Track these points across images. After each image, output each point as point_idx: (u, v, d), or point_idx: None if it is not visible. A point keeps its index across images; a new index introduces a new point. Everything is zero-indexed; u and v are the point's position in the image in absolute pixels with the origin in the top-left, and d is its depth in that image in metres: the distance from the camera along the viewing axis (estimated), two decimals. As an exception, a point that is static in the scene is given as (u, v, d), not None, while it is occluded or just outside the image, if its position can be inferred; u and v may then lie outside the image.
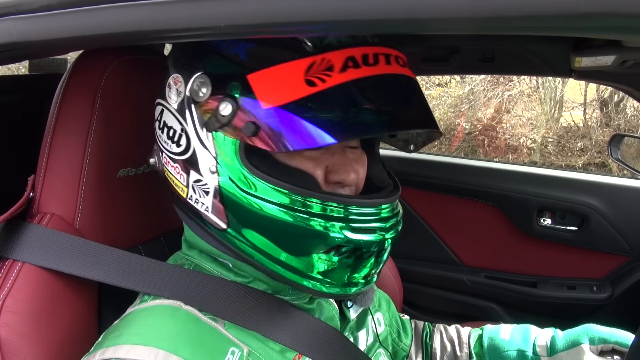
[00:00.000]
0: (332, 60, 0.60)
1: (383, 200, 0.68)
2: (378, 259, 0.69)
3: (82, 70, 0.81)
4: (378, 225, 0.66)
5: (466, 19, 0.36)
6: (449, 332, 1.05)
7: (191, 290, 0.69)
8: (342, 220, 0.64)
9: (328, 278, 0.67)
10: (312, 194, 0.63)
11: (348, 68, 0.60)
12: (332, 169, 0.68)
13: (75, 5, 0.53)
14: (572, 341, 0.88)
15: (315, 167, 0.67)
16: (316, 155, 0.68)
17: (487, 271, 1.81)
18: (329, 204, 0.63)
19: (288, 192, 0.63)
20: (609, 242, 1.65)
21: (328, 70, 0.60)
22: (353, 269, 0.67)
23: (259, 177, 0.63)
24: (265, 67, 0.61)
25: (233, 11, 0.45)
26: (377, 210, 0.67)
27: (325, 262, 0.65)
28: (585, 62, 1.13)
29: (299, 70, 0.60)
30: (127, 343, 0.60)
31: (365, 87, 0.62)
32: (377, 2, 0.38)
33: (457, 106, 6.39)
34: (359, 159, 0.73)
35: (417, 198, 1.89)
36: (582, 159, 5.91)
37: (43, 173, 0.79)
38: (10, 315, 0.66)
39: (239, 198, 0.65)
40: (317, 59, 0.60)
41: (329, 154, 0.69)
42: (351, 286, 0.69)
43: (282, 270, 0.67)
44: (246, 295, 0.70)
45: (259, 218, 0.64)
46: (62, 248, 0.73)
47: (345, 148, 0.71)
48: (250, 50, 0.64)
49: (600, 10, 0.32)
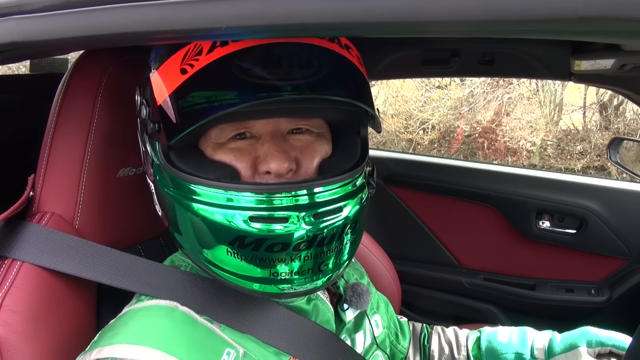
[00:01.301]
0: (202, 44, 0.61)
1: (284, 187, 0.62)
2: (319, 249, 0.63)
3: (83, 70, 0.81)
4: (289, 214, 0.61)
5: (465, 22, 0.36)
6: (446, 334, 1.05)
7: (187, 292, 0.69)
8: (245, 209, 0.61)
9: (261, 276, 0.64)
10: (209, 183, 0.62)
11: (215, 48, 0.60)
12: (261, 159, 0.65)
13: (77, 5, 0.53)
14: (569, 344, 0.88)
15: (237, 159, 0.66)
16: (241, 146, 0.66)
17: (485, 273, 1.82)
18: (232, 193, 0.62)
19: (196, 185, 0.63)
20: (608, 245, 1.65)
21: (198, 54, 0.61)
22: (282, 263, 0.63)
23: (173, 173, 0.65)
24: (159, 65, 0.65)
25: (234, 13, 0.45)
26: (288, 196, 0.61)
27: (234, 255, 0.63)
28: (584, 65, 1.14)
29: (177, 61, 0.62)
30: (124, 342, 0.60)
31: (235, 63, 0.60)
32: (373, 6, 0.38)
33: (457, 108, 6.39)
34: (309, 146, 0.68)
35: (416, 200, 1.89)
36: (581, 162, 5.91)
37: (43, 172, 0.79)
38: (9, 314, 0.66)
39: (165, 196, 0.68)
40: (190, 46, 0.61)
41: (259, 144, 0.66)
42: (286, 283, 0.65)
43: (227, 275, 0.67)
44: (241, 297, 0.70)
45: (185, 215, 0.65)
46: (60, 247, 0.73)
47: (285, 135, 0.68)
48: (159, 54, 0.66)
49: (599, 15, 0.32)
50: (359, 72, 0.68)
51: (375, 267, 1.45)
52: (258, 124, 0.66)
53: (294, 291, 0.66)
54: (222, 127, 0.65)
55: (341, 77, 0.66)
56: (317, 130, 0.71)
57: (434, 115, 6.41)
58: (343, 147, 0.73)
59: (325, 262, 0.65)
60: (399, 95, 6.63)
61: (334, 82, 0.65)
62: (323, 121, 0.72)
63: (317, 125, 0.71)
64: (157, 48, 0.68)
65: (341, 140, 0.74)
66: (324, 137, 0.71)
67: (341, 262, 0.68)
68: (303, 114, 0.68)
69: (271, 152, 0.64)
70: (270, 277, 0.64)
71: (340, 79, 0.65)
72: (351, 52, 0.67)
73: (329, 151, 0.71)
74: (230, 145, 0.66)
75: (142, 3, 0.49)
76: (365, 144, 0.75)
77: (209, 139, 0.67)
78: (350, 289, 0.84)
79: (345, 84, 0.66)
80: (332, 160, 0.71)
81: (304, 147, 0.68)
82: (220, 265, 0.66)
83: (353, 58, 0.67)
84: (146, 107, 0.67)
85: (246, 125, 0.66)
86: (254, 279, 0.65)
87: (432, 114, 6.41)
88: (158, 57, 0.66)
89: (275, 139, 0.66)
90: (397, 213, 1.91)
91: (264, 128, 0.66)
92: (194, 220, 0.64)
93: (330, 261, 0.66)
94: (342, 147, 0.73)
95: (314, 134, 0.70)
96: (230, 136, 0.66)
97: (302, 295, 0.71)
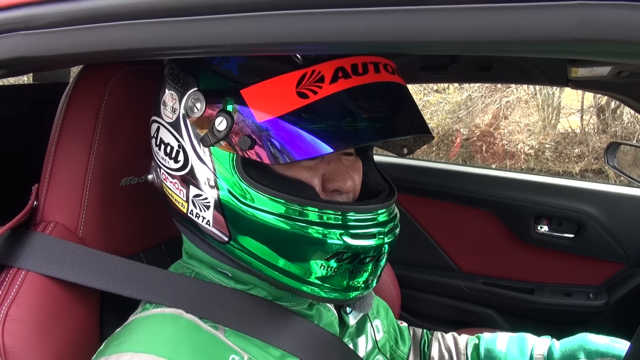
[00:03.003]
0: (322, 71, 0.62)
1: (379, 206, 0.69)
2: (377, 263, 0.70)
3: (87, 80, 0.82)
4: (376, 230, 0.67)
5: (463, 42, 0.37)
6: (446, 340, 1.06)
7: (192, 298, 0.70)
8: (340, 227, 0.65)
9: (327, 283, 0.68)
10: (308, 202, 0.65)
11: (339, 79, 0.62)
12: (328, 177, 0.70)
13: (82, 22, 0.54)
14: (568, 356, 0.89)
15: (312, 177, 0.68)
16: (312, 164, 0.69)
17: (484, 278, 1.82)
18: (326, 212, 0.65)
19: (284, 202, 0.64)
20: (606, 249, 1.66)
21: (319, 81, 0.61)
22: (352, 274, 0.69)
23: (256, 188, 0.65)
24: (257, 82, 0.63)
25: (237, 31, 0.46)
26: (374, 215, 0.68)
27: (324, 268, 0.67)
28: (581, 72, 1.15)
29: (291, 83, 0.62)
30: (129, 351, 0.61)
31: (356, 96, 0.64)
32: (373, 26, 0.39)
33: (455, 112, 6.40)
34: (354, 166, 0.74)
35: (415, 205, 1.90)
36: (579, 165, 5.92)
37: (47, 182, 0.79)
38: (14, 323, 0.67)
39: (239, 210, 0.66)
40: (307, 71, 0.62)
41: (325, 162, 0.70)
42: (351, 291, 0.71)
43: (281, 276, 0.68)
44: (246, 302, 0.71)
45: (258, 228, 0.66)
46: (66, 256, 0.73)
47: (340, 156, 0.72)
48: (241, 64, 0.66)
49: (592, 37, 0.33)
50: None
51: (375, 272, 1.46)
52: None
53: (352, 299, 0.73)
54: None
55: (418, 112, 0.73)
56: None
57: (433, 119, 6.43)
58: (365, 163, 0.79)
59: (378, 274, 0.73)
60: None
61: (419, 118, 0.73)
62: None
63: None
64: (229, 60, 0.67)
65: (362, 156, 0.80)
66: (358, 157, 0.77)
67: (379, 275, 0.75)
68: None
69: (341, 172, 0.70)
70: (346, 286, 0.70)
71: (419, 115, 0.73)
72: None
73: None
74: (302, 163, 0.68)
75: (148, 22, 0.50)
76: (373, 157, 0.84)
77: None
78: None
79: (420, 118, 0.73)
80: (369, 178, 0.79)
81: (352, 166, 0.74)
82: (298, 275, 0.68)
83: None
84: (227, 120, 0.64)
85: None
86: (330, 288, 0.69)
87: (430, 118, 6.42)
88: (243, 69, 0.66)
89: (339, 159, 0.72)
90: (396, 218, 1.92)
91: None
92: (282, 234, 0.65)
93: (379, 273, 0.74)
94: (365, 163, 0.79)
95: (354, 155, 0.76)
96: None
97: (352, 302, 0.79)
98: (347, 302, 0.78)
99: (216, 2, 0.48)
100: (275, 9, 0.45)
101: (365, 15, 0.41)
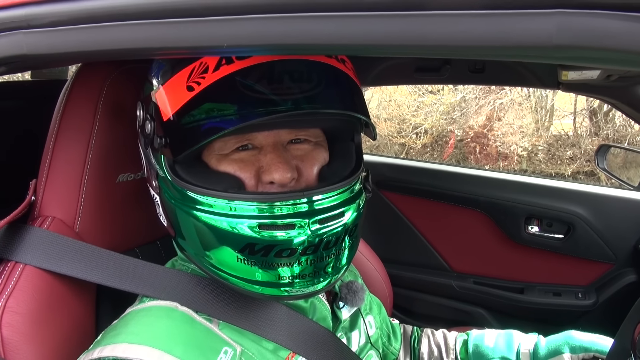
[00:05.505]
0: (207, 62, 0.63)
1: (279, 196, 0.65)
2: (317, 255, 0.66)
3: (85, 78, 0.83)
4: (296, 220, 0.64)
5: (449, 47, 0.39)
6: (436, 337, 1.08)
7: (188, 292, 0.71)
8: (251, 218, 0.64)
9: (251, 277, 0.67)
10: (220, 195, 0.65)
11: (221, 66, 0.62)
12: (265, 169, 0.68)
13: (83, 22, 0.56)
14: (553, 350, 0.91)
15: (241, 170, 0.68)
16: (245, 157, 0.69)
17: (475, 277, 1.84)
18: (236, 203, 0.64)
19: (203, 197, 0.66)
20: (594, 249, 1.68)
21: (204, 72, 0.63)
22: (272, 267, 0.65)
23: (182, 186, 0.67)
24: (163, 83, 0.67)
25: (235, 32, 0.48)
26: (291, 205, 0.64)
27: (242, 262, 0.66)
28: (571, 75, 1.17)
29: (183, 79, 0.64)
30: (124, 342, 0.62)
31: (239, 80, 0.62)
32: (366, 31, 0.41)
33: (449, 114, 6.44)
34: (308, 155, 0.72)
35: (407, 204, 1.92)
36: (571, 167, 5.98)
37: (45, 177, 0.81)
38: (12, 315, 0.68)
39: (171, 207, 0.70)
40: (196, 64, 0.64)
41: (262, 154, 0.69)
42: (286, 287, 0.68)
43: (217, 272, 0.69)
44: (240, 295, 0.72)
45: (191, 225, 0.68)
46: (64, 251, 0.75)
47: (286, 146, 0.70)
48: (162, 69, 0.69)
49: (571, 44, 0.35)
50: (354, 84, 0.71)
51: (368, 270, 1.48)
52: (260, 135, 0.68)
53: (294, 294, 0.69)
54: (226, 139, 0.67)
55: (337, 89, 0.69)
56: (315, 139, 0.74)
57: (427, 120, 6.46)
58: (339, 154, 0.77)
59: (326, 267, 0.68)
60: (392, 99, 6.68)
61: (331, 95, 0.68)
62: (320, 130, 0.75)
63: (315, 134, 0.74)
64: (159, 64, 0.70)
65: (337, 147, 0.77)
66: (321, 146, 0.75)
67: (340, 267, 0.71)
68: (302, 125, 0.71)
69: (274, 162, 0.67)
70: (274, 281, 0.67)
71: (336, 92, 0.69)
72: (347, 65, 0.70)
73: (327, 158, 0.75)
74: (233, 156, 0.69)
75: (149, 22, 0.51)
76: (360, 150, 0.79)
77: (212, 151, 0.69)
78: (346, 287, 0.86)
79: (341, 96, 0.69)
80: (331, 167, 0.74)
81: (304, 156, 0.71)
82: (226, 270, 0.68)
83: (349, 71, 0.71)
84: (151, 122, 0.69)
85: (249, 137, 0.68)
86: (258, 282, 0.67)
87: (424, 119, 6.45)
88: (161, 73, 0.68)
89: (277, 149, 0.68)
90: (389, 217, 1.94)
91: (266, 139, 0.69)
92: (202, 229, 0.66)
93: (331, 265, 0.69)
94: (338, 154, 0.77)
95: (312, 143, 0.73)
96: (234, 148, 0.68)
97: (302, 298, 0.74)
98: (288, 299, 0.73)
99: (214, 3, 0.50)
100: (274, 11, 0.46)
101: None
